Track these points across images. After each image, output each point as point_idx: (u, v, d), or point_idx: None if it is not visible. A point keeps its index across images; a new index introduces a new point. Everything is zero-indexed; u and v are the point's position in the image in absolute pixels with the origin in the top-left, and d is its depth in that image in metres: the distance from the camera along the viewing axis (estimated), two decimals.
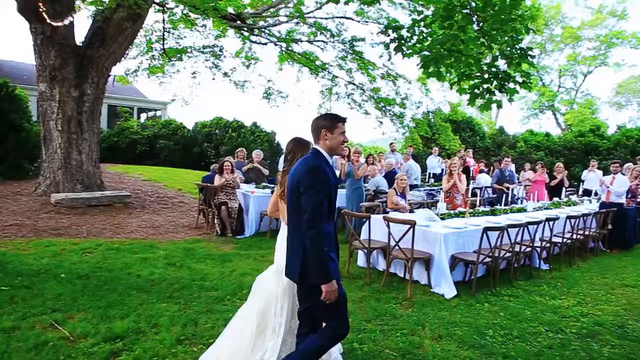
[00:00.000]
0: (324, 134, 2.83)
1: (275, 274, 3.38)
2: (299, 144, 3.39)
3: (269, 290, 3.36)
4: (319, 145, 2.86)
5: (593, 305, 5.53)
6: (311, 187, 2.65)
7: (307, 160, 2.82)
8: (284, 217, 3.34)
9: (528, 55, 4.12)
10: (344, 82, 18.19)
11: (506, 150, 20.91)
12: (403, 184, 7.61)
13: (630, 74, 36.17)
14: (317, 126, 2.87)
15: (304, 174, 2.70)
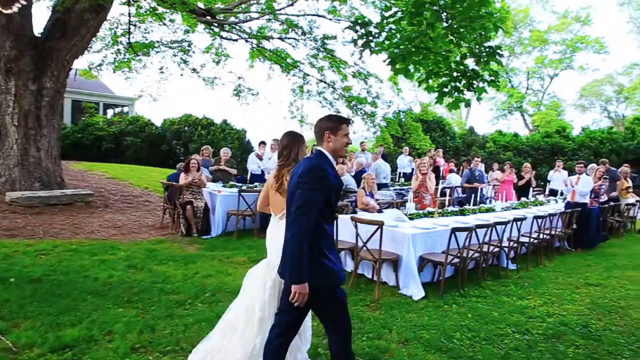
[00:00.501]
0: (327, 135, 2.80)
1: (265, 267, 3.37)
2: (294, 138, 3.39)
3: (257, 284, 3.33)
4: (322, 147, 2.82)
5: (559, 305, 5.55)
6: (307, 183, 2.62)
7: (309, 159, 2.79)
8: (275, 210, 3.37)
9: (497, 54, 4.07)
10: (315, 80, 18.05)
11: (476, 150, 21.18)
12: (372, 183, 7.52)
13: (593, 78, 37.27)
14: (321, 128, 2.84)
15: (304, 172, 2.67)
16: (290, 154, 3.34)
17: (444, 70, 4.26)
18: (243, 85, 17.34)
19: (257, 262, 6.66)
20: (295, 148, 3.36)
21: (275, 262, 3.16)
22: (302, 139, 3.45)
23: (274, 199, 3.41)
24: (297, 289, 2.56)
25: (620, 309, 5.59)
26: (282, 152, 3.40)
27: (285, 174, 3.31)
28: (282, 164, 3.36)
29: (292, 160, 3.34)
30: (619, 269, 7.67)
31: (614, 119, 35.67)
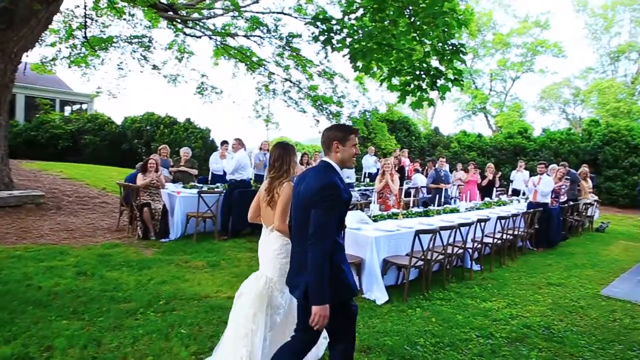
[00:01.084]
0: (336, 145, 2.75)
1: (255, 279, 3.33)
2: (285, 150, 3.35)
3: (246, 296, 3.30)
4: (329, 158, 2.77)
5: (522, 307, 5.53)
6: (323, 202, 2.56)
7: (319, 174, 2.70)
8: (267, 222, 3.34)
9: (460, 52, 3.96)
10: (281, 79, 17.82)
11: (441, 151, 21.38)
12: None
13: (552, 81, 38.45)
14: (329, 138, 2.78)
15: (318, 190, 2.59)
16: (282, 165, 3.29)
17: (407, 68, 4.13)
18: (206, 83, 16.93)
19: (216, 267, 6.51)
20: (287, 159, 3.31)
21: (266, 273, 3.26)
22: (293, 150, 3.40)
23: (265, 212, 3.36)
24: (318, 310, 2.50)
25: (580, 309, 5.63)
26: (273, 164, 3.33)
27: (277, 187, 3.26)
28: (274, 176, 3.30)
29: (284, 172, 3.30)
30: (578, 268, 7.78)
31: (572, 120, 36.83)
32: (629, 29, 33.79)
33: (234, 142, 8.76)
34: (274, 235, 3.27)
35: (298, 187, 2.83)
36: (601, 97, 32.67)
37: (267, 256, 3.29)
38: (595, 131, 19.49)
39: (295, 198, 2.86)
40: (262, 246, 3.41)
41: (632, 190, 17.52)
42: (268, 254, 3.29)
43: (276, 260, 3.24)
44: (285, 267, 3.17)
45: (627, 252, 9.58)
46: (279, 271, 3.22)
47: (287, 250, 3.20)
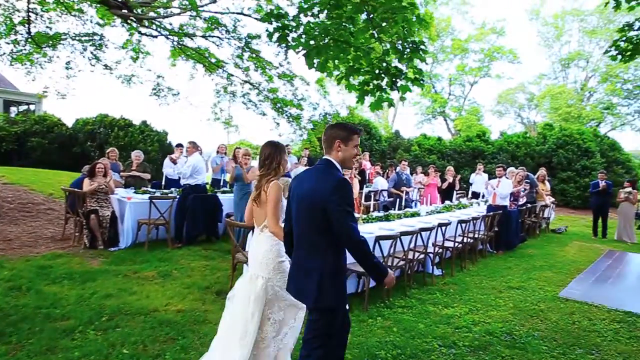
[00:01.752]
0: (338, 144, 2.71)
1: (249, 281, 3.28)
2: (276, 148, 3.34)
3: (241, 298, 3.26)
4: (331, 156, 2.73)
5: (484, 312, 5.43)
6: (342, 203, 2.52)
7: (325, 173, 2.66)
8: (258, 222, 3.32)
9: (420, 50, 3.79)
10: (240, 81, 17.44)
11: (401, 154, 21.48)
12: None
13: (508, 86, 39.48)
14: (331, 136, 2.74)
15: (333, 189, 2.54)
16: (272, 164, 3.28)
17: (365, 66, 3.93)
18: (163, 85, 16.34)
19: (167, 277, 6.12)
20: (278, 158, 3.30)
21: (261, 274, 3.22)
22: (283, 149, 3.40)
23: (255, 211, 3.37)
24: (387, 281, 2.65)
25: (540, 312, 5.59)
26: (263, 163, 3.32)
27: (264, 185, 3.26)
28: (263, 174, 3.30)
29: (273, 171, 3.29)
30: (537, 270, 7.82)
31: (527, 124, 37.93)
32: (578, 38, 35.15)
33: (188, 146, 8.38)
34: (265, 235, 3.27)
35: (298, 188, 2.76)
36: (553, 102, 33.78)
37: (259, 257, 3.27)
38: (550, 135, 20.04)
39: (296, 200, 2.77)
40: (253, 246, 3.38)
41: (584, 192, 18.07)
42: (259, 255, 3.27)
43: (269, 260, 3.23)
44: (280, 265, 3.23)
45: (582, 253, 9.76)
46: (274, 270, 3.22)
47: (277, 250, 3.24)
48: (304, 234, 2.72)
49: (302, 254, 2.74)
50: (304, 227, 2.71)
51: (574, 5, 34.88)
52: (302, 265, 2.73)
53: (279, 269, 3.23)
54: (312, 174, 2.76)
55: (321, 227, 2.60)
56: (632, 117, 33.17)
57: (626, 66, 31.47)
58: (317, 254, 2.64)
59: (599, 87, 33.98)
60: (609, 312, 5.77)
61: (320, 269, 2.62)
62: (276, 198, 3.20)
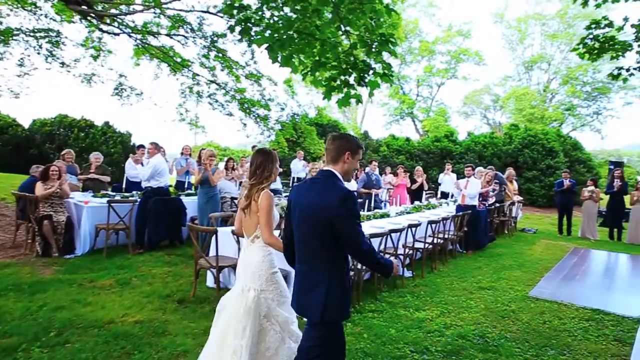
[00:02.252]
0: (347, 156, 2.67)
1: (240, 293, 3.16)
2: (268, 156, 3.27)
3: (231, 311, 3.14)
4: (334, 167, 2.67)
5: (455, 315, 5.32)
6: (349, 215, 2.49)
7: (329, 186, 2.59)
8: (248, 232, 3.25)
9: (389, 42, 3.62)
10: (206, 81, 17.05)
11: (370, 154, 21.47)
12: None
13: (474, 87, 40.20)
14: (341, 147, 2.67)
15: (339, 201, 2.48)
16: (264, 172, 3.20)
17: (332, 61, 3.74)
18: (125, 84, 15.80)
19: (126, 285, 5.78)
20: (269, 166, 3.23)
21: (253, 286, 3.12)
22: (275, 157, 3.33)
23: (245, 221, 3.28)
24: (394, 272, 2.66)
25: (512, 313, 5.52)
26: (255, 171, 3.23)
27: (255, 194, 3.16)
28: (254, 182, 3.20)
29: (265, 179, 3.21)
30: (506, 269, 7.81)
31: (492, 125, 38.67)
32: (540, 41, 36.08)
33: (150, 147, 8.01)
34: (256, 245, 3.20)
35: (299, 200, 2.69)
36: (518, 104, 34.55)
37: (250, 268, 3.17)
38: (516, 135, 20.39)
39: (298, 212, 2.68)
40: (244, 257, 3.27)
41: (548, 191, 18.44)
42: (251, 266, 3.17)
43: (261, 271, 3.14)
44: (273, 276, 3.17)
45: (549, 251, 9.86)
46: (267, 282, 3.14)
47: (270, 261, 3.18)
48: (306, 247, 2.64)
49: (305, 269, 2.67)
50: (306, 239, 2.63)
51: (536, 10, 35.79)
52: (306, 279, 2.65)
53: (272, 280, 3.17)
54: (314, 185, 2.69)
55: (326, 240, 2.54)
56: (591, 119, 34.29)
57: (585, 69, 32.59)
58: (322, 267, 2.58)
59: (560, 89, 34.99)
60: (578, 311, 5.76)
61: (326, 283, 2.56)
62: (269, 207, 3.11)
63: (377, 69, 3.77)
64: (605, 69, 32.21)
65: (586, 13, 32.68)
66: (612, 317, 5.57)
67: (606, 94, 32.90)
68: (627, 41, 5.66)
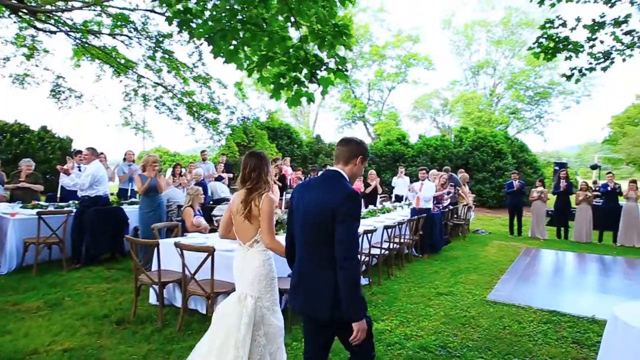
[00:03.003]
0: (358, 160, 2.69)
1: (237, 302, 3.09)
2: (262, 158, 3.21)
3: (230, 321, 3.02)
4: (342, 168, 2.67)
5: (415, 324, 5.10)
6: (350, 214, 2.44)
7: (335, 184, 2.57)
8: (243, 238, 3.15)
9: (344, 34, 3.33)
10: (152, 83, 16.31)
11: (323, 158, 21.28)
12: (202, 200, 6.44)
13: (424, 92, 40.92)
14: (354, 151, 2.69)
15: (344, 200, 2.45)
16: (260, 175, 3.12)
17: (281, 55, 3.41)
18: (64, 86, 14.85)
19: (57, 307, 5.18)
20: (265, 169, 3.16)
21: (251, 293, 3.05)
22: (268, 159, 3.26)
23: (242, 227, 3.14)
24: (359, 326, 2.39)
25: (472, 319, 5.37)
26: (249, 175, 3.13)
27: (256, 199, 3.07)
28: (251, 187, 3.10)
29: (263, 183, 3.13)
30: (463, 273, 7.72)
31: (441, 128, 39.50)
32: (486, 47, 37.22)
33: (86, 152, 7.38)
34: (255, 250, 3.12)
35: (304, 198, 2.63)
36: (466, 107, 35.47)
37: (249, 274, 3.09)
38: (466, 137, 20.77)
39: (302, 211, 2.62)
40: (240, 264, 3.18)
41: (498, 192, 18.86)
42: (250, 272, 3.09)
43: (260, 276, 3.07)
44: (271, 282, 3.11)
45: (502, 252, 9.93)
46: (265, 288, 3.08)
47: (269, 265, 3.13)
48: (312, 245, 2.57)
49: (310, 267, 2.59)
50: (312, 237, 2.56)
51: (481, 17, 36.92)
52: (312, 279, 2.58)
53: (270, 287, 3.11)
54: (320, 183, 2.65)
55: (330, 236, 2.46)
56: (534, 122, 35.77)
57: (527, 75, 33.96)
58: (329, 266, 2.47)
59: (505, 93, 36.22)
60: (535, 313, 5.71)
61: (334, 281, 2.44)
62: (271, 212, 3.07)
63: (331, 64, 3.48)
64: (546, 74, 33.87)
65: (528, 21, 34.13)
66: (568, 318, 5.55)
67: (547, 98, 34.43)
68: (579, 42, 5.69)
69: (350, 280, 2.39)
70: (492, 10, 37.13)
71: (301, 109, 38.94)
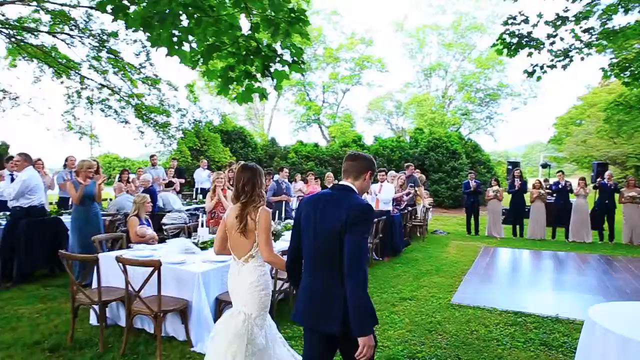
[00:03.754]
0: (368, 175, 2.70)
1: (230, 317, 3.07)
2: (255, 171, 3.16)
3: (222, 336, 3.01)
4: (353, 183, 2.66)
5: (381, 333, 4.84)
6: (362, 225, 2.41)
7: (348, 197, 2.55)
8: (239, 253, 3.12)
9: (301, 21, 3.00)
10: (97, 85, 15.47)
11: (278, 161, 20.91)
12: (148, 208, 5.94)
13: (378, 94, 41.18)
14: (366, 167, 2.69)
15: (358, 212, 2.42)
16: (254, 189, 3.09)
17: (229, 45, 3.04)
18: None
19: None
20: (259, 182, 3.13)
21: (244, 309, 3.03)
22: (261, 171, 3.20)
23: (237, 242, 3.11)
24: (365, 341, 2.29)
25: (438, 325, 5.17)
26: (242, 188, 3.10)
27: (251, 213, 3.05)
28: (246, 201, 3.08)
29: (257, 196, 3.10)
30: (425, 276, 7.56)
31: (395, 130, 39.87)
32: (437, 50, 37.91)
33: (17, 159, 6.71)
34: (251, 265, 3.09)
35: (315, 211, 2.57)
36: (419, 109, 35.94)
37: (243, 290, 3.07)
38: (421, 138, 20.93)
39: (314, 225, 2.55)
40: (235, 280, 3.14)
41: (454, 192, 19.08)
42: (243, 288, 3.06)
43: (254, 293, 3.05)
44: (265, 299, 3.09)
45: (462, 252, 9.88)
46: (259, 305, 3.06)
47: (265, 282, 3.11)
48: (324, 260, 2.52)
49: (322, 281, 2.53)
50: (324, 252, 2.51)
51: (432, 21, 37.57)
52: (323, 293, 2.52)
53: (264, 304, 3.10)
54: (333, 197, 2.60)
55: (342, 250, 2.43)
56: (485, 123, 36.75)
57: (477, 77, 34.86)
58: (340, 279, 2.43)
59: (457, 95, 36.99)
60: (501, 315, 5.60)
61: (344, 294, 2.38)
62: (269, 225, 3.05)
63: (285, 56, 3.15)
64: (495, 77, 34.89)
65: (477, 25, 35.07)
66: (533, 318, 5.48)
67: (496, 100, 35.47)
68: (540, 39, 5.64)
69: (359, 288, 2.33)
70: (442, 14, 37.82)
71: (255, 111, 38.40)
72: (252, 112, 38.60)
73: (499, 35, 5.75)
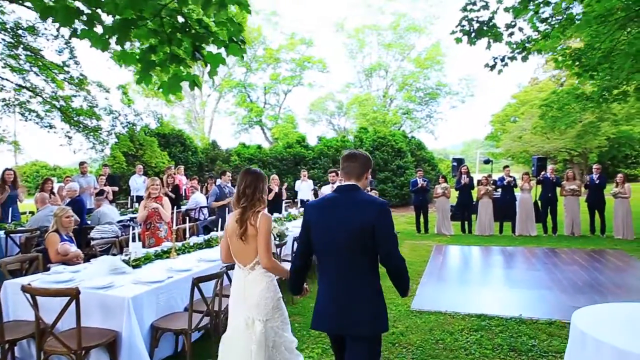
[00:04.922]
0: (368, 174, 2.78)
1: (245, 327, 2.94)
2: (257, 176, 3.13)
3: (239, 349, 2.90)
4: (358, 182, 2.72)
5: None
6: (390, 225, 2.55)
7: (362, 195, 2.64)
8: (242, 260, 3.06)
9: None
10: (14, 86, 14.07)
11: (220, 165, 20.07)
12: (67, 223, 5.15)
13: (319, 95, 41.00)
14: (366, 165, 2.76)
15: (382, 212, 2.54)
16: (255, 193, 3.04)
17: (150, 20, 2.43)
18: None
19: None
20: (261, 186, 3.09)
21: (257, 317, 2.95)
22: (263, 175, 3.18)
23: (239, 249, 3.03)
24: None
25: (401, 337, 4.80)
26: (244, 192, 3.04)
27: (251, 218, 2.98)
28: (246, 205, 3.02)
29: (258, 201, 3.05)
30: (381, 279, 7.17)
31: (338, 130, 39.83)
32: (377, 50, 38.24)
33: None
34: (257, 273, 3.03)
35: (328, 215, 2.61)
36: (361, 109, 36.09)
37: (254, 298, 2.98)
38: (366, 137, 20.76)
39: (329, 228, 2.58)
40: (241, 288, 3.05)
41: (401, 191, 19.03)
42: (254, 296, 2.99)
43: (267, 299, 2.99)
44: (279, 302, 3.07)
45: (415, 252, 9.65)
46: (273, 309, 3.01)
47: (275, 286, 3.09)
48: (347, 263, 2.57)
49: (346, 284, 2.58)
50: (348, 255, 2.56)
51: (371, 21, 37.85)
52: (349, 296, 2.56)
53: (278, 307, 3.06)
54: (345, 199, 2.64)
55: (366, 249, 2.53)
56: (425, 121, 37.54)
57: (417, 77, 35.50)
58: (364, 279, 2.57)
59: (397, 94, 37.48)
60: (464, 319, 5.33)
61: (370, 294, 2.58)
62: (269, 230, 3.00)
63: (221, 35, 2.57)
64: (434, 76, 35.70)
65: (415, 26, 35.70)
66: (497, 321, 5.25)
67: (436, 99, 36.31)
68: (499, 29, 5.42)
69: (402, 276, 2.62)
70: (381, 14, 38.19)
71: (195, 114, 37.12)
72: (191, 115, 37.30)
73: (459, 22, 5.45)
